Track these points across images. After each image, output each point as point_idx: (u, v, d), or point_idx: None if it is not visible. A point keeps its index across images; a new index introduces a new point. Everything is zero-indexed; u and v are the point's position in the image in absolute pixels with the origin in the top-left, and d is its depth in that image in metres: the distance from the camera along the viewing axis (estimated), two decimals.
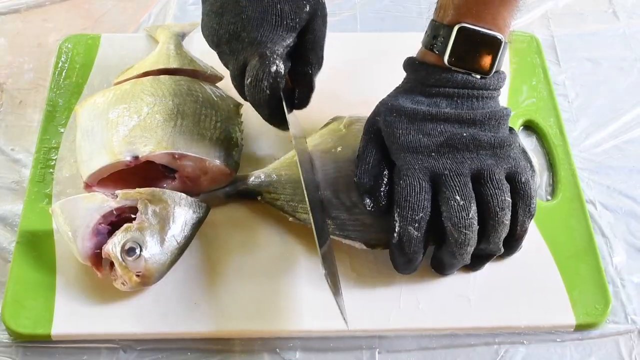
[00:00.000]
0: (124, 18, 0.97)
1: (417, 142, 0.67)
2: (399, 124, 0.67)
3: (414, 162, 0.66)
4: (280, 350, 0.68)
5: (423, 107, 0.68)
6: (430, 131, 0.67)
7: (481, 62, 0.67)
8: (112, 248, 0.66)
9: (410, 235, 0.65)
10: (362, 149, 0.69)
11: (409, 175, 0.66)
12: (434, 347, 0.68)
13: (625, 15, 1.00)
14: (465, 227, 0.64)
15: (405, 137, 0.67)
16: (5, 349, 0.68)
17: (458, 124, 0.67)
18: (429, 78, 0.69)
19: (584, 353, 0.69)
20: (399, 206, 0.65)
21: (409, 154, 0.67)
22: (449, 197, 0.64)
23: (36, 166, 0.78)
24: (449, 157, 0.66)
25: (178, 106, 0.75)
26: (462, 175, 0.65)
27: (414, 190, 0.65)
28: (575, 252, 0.73)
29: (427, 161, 0.66)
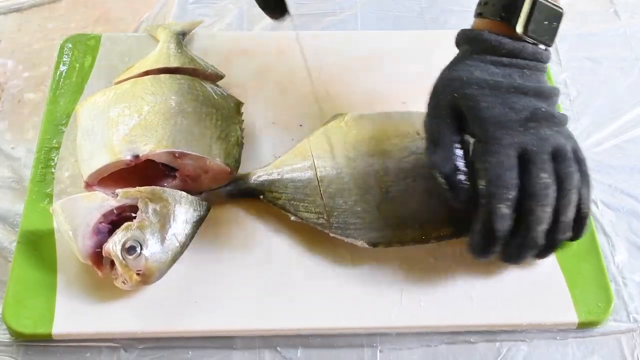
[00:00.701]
0: (125, 17, 0.97)
1: (504, 116, 0.65)
2: (483, 97, 0.65)
3: (502, 136, 0.64)
4: (281, 348, 0.68)
5: (502, 80, 0.66)
6: (515, 105, 0.65)
7: (549, 33, 0.68)
8: (113, 247, 0.66)
9: (503, 214, 0.63)
10: (436, 135, 0.67)
11: (499, 151, 0.64)
12: (436, 345, 0.68)
13: (626, 14, 1.00)
14: (548, 205, 0.63)
15: (492, 110, 0.65)
16: (6, 349, 0.68)
17: (536, 97, 0.66)
18: (500, 48, 0.67)
19: (586, 351, 0.68)
20: (490, 184, 0.63)
21: (497, 129, 0.65)
22: (536, 174, 0.63)
23: (37, 166, 0.78)
24: (533, 132, 0.65)
25: (179, 105, 0.75)
26: (546, 153, 0.64)
27: (505, 167, 0.63)
28: (577, 251, 0.73)
29: (516, 136, 0.64)
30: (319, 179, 0.73)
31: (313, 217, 0.72)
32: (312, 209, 0.72)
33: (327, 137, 0.76)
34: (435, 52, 0.89)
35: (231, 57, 0.88)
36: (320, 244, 0.72)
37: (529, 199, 0.63)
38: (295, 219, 0.73)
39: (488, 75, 0.67)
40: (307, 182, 0.73)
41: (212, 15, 0.97)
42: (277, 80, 0.87)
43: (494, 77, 0.66)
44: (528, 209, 0.63)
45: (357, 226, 0.70)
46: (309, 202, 0.72)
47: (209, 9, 0.98)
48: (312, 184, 0.73)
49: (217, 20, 0.97)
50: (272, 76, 0.87)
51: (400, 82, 0.85)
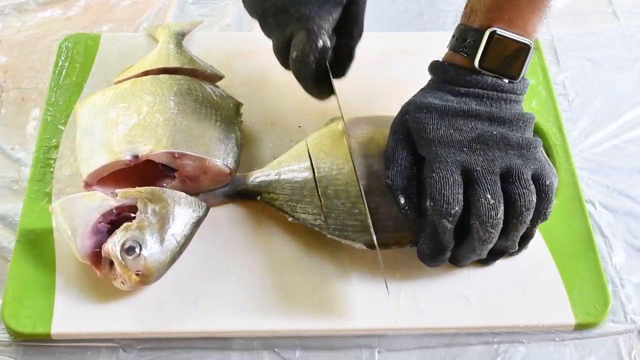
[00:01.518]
0: (124, 17, 0.97)
1: (448, 137, 0.67)
2: (430, 120, 0.67)
3: (446, 155, 0.66)
4: (279, 349, 0.68)
5: (454, 104, 0.68)
6: (462, 127, 0.67)
7: (511, 67, 0.68)
8: (112, 247, 0.66)
9: (444, 227, 0.65)
10: (391, 150, 0.69)
11: (441, 168, 0.65)
12: (434, 346, 0.68)
13: (625, 15, 1.00)
14: (492, 227, 0.64)
15: (437, 131, 0.67)
16: (5, 348, 0.68)
17: (488, 121, 0.68)
18: (458, 79, 0.69)
19: (584, 352, 0.69)
20: (432, 199, 0.64)
21: (440, 148, 0.66)
22: (480, 195, 0.64)
23: (36, 165, 0.78)
24: (480, 153, 0.66)
25: (178, 105, 0.75)
26: (493, 173, 0.65)
27: (447, 182, 0.64)
28: (574, 252, 0.73)
29: (459, 155, 0.66)
30: (316, 179, 0.73)
31: (310, 218, 0.72)
32: (309, 210, 0.72)
33: (326, 138, 0.76)
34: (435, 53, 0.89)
35: (231, 58, 0.88)
36: (319, 245, 0.73)
37: (473, 219, 0.65)
38: (292, 220, 0.73)
39: (440, 101, 0.68)
40: (304, 183, 0.73)
41: (212, 16, 0.97)
42: (277, 81, 0.86)
43: (446, 102, 0.68)
44: (473, 229, 0.65)
45: (355, 228, 0.70)
46: (306, 203, 0.72)
47: (208, 9, 0.98)
48: (309, 184, 0.73)
49: (217, 20, 0.97)
50: (272, 77, 0.87)
51: (400, 83, 0.85)
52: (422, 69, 0.74)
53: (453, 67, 0.70)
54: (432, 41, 0.90)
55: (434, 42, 0.90)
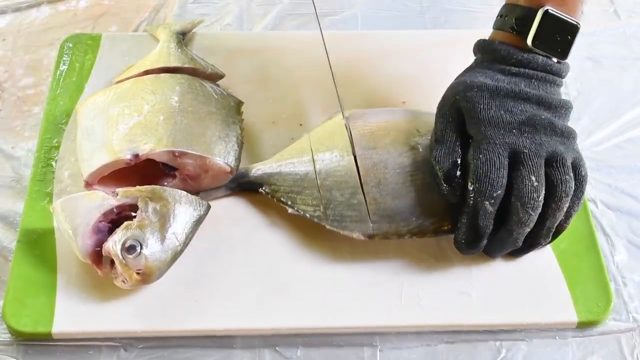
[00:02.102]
0: (125, 17, 0.97)
1: (499, 117, 0.67)
2: (481, 99, 0.67)
3: (495, 136, 0.66)
4: (281, 347, 0.68)
5: (504, 85, 0.68)
6: (512, 108, 0.67)
7: (560, 46, 0.69)
8: (113, 246, 0.66)
9: (486, 210, 0.65)
10: (440, 132, 0.69)
11: (489, 150, 0.66)
12: (435, 344, 0.68)
13: (626, 14, 1.00)
14: (532, 209, 0.65)
15: (487, 111, 0.67)
16: (6, 348, 0.67)
17: (537, 105, 0.68)
18: (509, 58, 0.70)
19: (586, 351, 0.68)
20: (478, 181, 0.65)
21: (489, 128, 0.67)
22: (525, 176, 0.65)
23: (37, 165, 0.78)
24: (527, 136, 0.67)
25: (179, 104, 0.75)
26: (540, 157, 0.66)
27: (494, 165, 0.65)
28: (577, 250, 0.73)
29: (508, 137, 0.66)
30: (316, 171, 0.73)
31: (310, 209, 0.72)
32: (309, 202, 0.72)
33: (327, 132, 0.76)
34: (435, 52, 0.89)
35: (231, 57, 0.88)
36: (319, 242, 0.72)
37: (515, 200, 0.65)
38: (292, 212, 0.73)
39: (491, 80, 0.69)
40: (304, 174, 0.73)
41: (212, 15, 0.97)
42: (277, 80, 0.87)
43: (497, 82, 0.68)
44: (513, 210, 0.65)
45: (353, 219, 0.70)
46: (306, 194, 0.72)
47: (209, 8, 0.98)
48: (309, 176, 0.73)
49: (217, 20, 0.97)
50: (272, 76, 0.87)
51: (400, 82, 0.85)
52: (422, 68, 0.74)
53: (504, 46, 0.70)
54: (433, 39, 0.91)
55: (435, 41, 0.90)
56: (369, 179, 0.71)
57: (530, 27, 0.68)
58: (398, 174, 0.71)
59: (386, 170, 0.71)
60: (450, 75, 0.72)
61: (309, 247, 0.73)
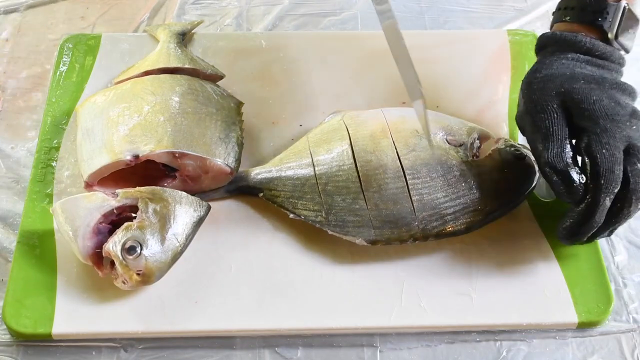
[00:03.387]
0: (125, 17, 0.97)
1: (612, 109, 0.66)
2: (591, 91, 0.67)
3: (615, 129, 0.66)
4: (281, 347, 0.68)
5: (606, 76, 0.69)
6: (619, 100, 0.68)
7: (631, 39, 0.72)
8: (113, 247, 0.66)
9: (604, 206, 0.65)
10: (546, 129, 0.67)
11: (610, 144, 0.65)
12: (436, 345, 0.68)
13: None
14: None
15: (600, 103, 0.66)
16: (6, 349, 0.68)
17: (631, 97, 0.69)
18: (594, 50, 0.70)
19: (586, 351, 0.68)
20: (602, 177, 0.64)
21: (608, 122, 0.66)
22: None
23: (37, 166, 0.78)
24: (636, 128, 0.67)
25: (179, 105, 0.75)
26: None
27: (616, 161, 0.65)
28: (577, 251, 0.73)
29: (625, 130, 0.66)
30: (317, 176, 0.73)
31: (311, 214, 0.72)
32: (310, 207, 0.72)
33: (325, 134, 0.76)
34: (435, 52, 0.89)
35: (231, 57, 0.88)
36: (320, 244, 0.73)
37: (631, 194, 0.65)
38: (293, 217, 0.73)
39: (589, 72, 0.69)
40: (305, 179, 0.73)
41: (212, 16, 0.97)
42: (277, 80, 0.87)
43: (594, 73, 0.69)
44: (627, 203, 0.65)
45: (355, 224, 0.70)
46: (307, 199, 0.72)
47: (209, 9, 0.98)
48: (310, 181, 0.73)
49: (218, 20, 0.97)
50: (272, 76, 0.87)
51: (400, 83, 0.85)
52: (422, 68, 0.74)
53: (588, 38, 0.70)
54: (433, 39, 0.91)
55: (435, 41, 0.90)
56: (370, 185, 0.71)
57: (609, 19, 0.69)
58: (398, 178, 0.71)
59: (386, 175, 0.72)
60: (451, 75, 0.72)
61: (309, 247, 0.73)
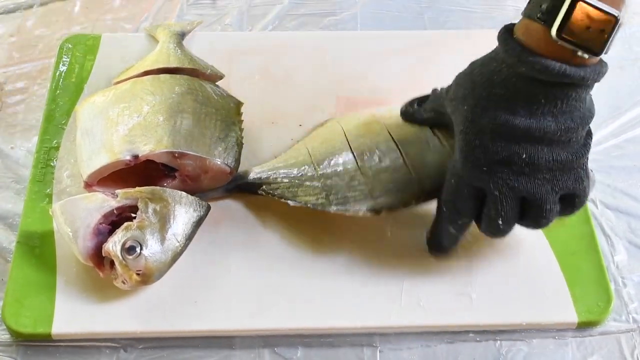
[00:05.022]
0: (124, 18, 0.97)
1: (476, 154, 0.65)
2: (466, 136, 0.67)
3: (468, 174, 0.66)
4: (280, 347, 0.68)
5: (502, 116, 0.63)
6: (493, 147, 0.63)
7: (593, 39, 0.60)
8: (113, 247, 0.66)
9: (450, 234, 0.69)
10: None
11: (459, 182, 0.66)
12: (435, 345, 0.68)
13: (626, 14, 0.99)
14: (495, 235, 0.67)
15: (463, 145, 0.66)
16: (6, 349, 0.67)
17: (531, 141, 0.63)
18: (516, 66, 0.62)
19: (586, 351, 0.68)
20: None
21: (466, 164, 0.66)
22: (493, 218, 0.65)
23: (37, 166, 0.78)
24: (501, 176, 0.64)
25: (178, 105, 0.75)
26: (512, 199, 0.64)
27: (461, 196, 0.66)
28: (576, 250, 0.73)
29: (479, 176, 0.65)
30: (314, 163, 0.74)
31: (312, 199, 0.72)
32: (310, 192, 0.73)
33: (320, 131, 0.78)
34: (435, 52, 0.89)
35: (231, 57, 0.88)
36: (319, 245, 0.73)
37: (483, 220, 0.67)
38: (294, 204, 0.73)
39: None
40: (303, 169, 0.74)
41: (212, 16, 0.97)
42: (277, 80, 0.87)
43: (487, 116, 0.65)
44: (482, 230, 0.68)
45: (356, 198, 0.71)
46: (306, 186, 0.73)
47: (209, 9, 0.98)
48: (308, 169, 0.74)
49: (217, 20, 0.97)
50: (272, 76, 0.87)
51: (400, 82, 0.85)
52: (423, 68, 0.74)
53: (518, 46, 0.61)
54: (433, 39, 0.91)
55: (435, 41, 0.90)
56: (365, 162, 0.72)
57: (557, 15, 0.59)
58: (393, 150, 0.73)
59: (379, 149, 0.73)
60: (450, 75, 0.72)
61: (309, 247, 0.73)
